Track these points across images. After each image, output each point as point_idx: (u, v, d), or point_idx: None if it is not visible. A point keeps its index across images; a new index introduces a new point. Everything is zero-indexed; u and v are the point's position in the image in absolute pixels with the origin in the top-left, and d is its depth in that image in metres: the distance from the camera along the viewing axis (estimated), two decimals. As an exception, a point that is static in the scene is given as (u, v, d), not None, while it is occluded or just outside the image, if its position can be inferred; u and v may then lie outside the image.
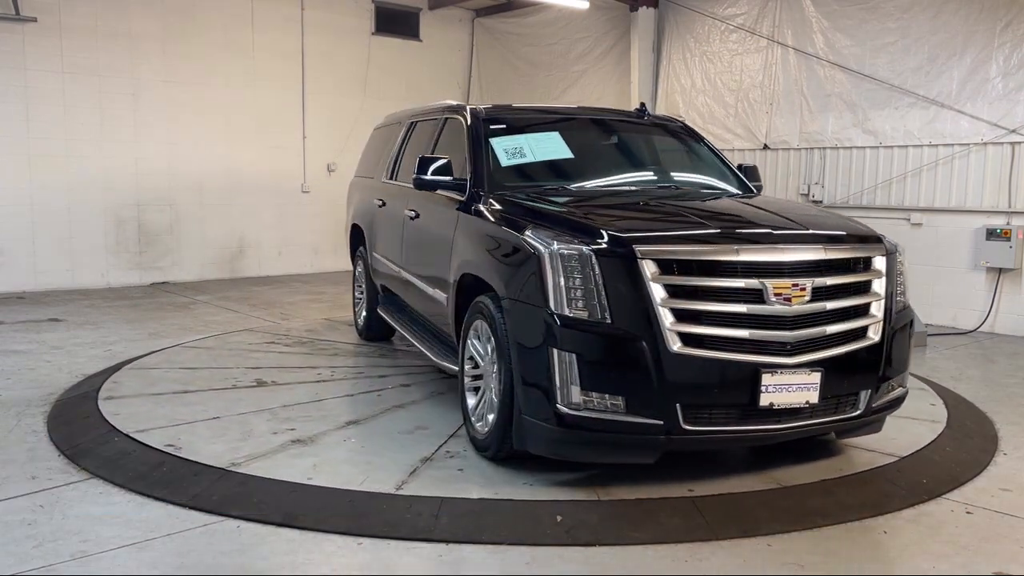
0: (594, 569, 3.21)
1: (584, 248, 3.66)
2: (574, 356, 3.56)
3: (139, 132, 10.39)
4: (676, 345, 3.57)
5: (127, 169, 10.35)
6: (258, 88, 11.27)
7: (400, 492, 3.79)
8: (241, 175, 11.27)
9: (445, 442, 4.49)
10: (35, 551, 3.24)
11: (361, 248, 7.26)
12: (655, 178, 5.42)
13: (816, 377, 3.72)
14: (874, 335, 3.97)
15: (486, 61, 13.29)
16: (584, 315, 3.60)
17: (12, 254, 9.63)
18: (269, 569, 3.16)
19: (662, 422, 3.60)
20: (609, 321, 3.59)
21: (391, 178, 6.52)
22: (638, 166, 5.55)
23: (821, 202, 9.29)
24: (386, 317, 6.51)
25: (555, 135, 5.33)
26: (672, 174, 5.53)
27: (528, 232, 3.93)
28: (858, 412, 3.97)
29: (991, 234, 7.98)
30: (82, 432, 4.64)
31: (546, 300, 3.65)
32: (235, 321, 8.14)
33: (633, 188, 5.12)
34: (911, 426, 4.90)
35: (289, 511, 3.61)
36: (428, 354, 5.30)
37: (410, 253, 5.76)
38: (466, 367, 4.50)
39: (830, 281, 3.83)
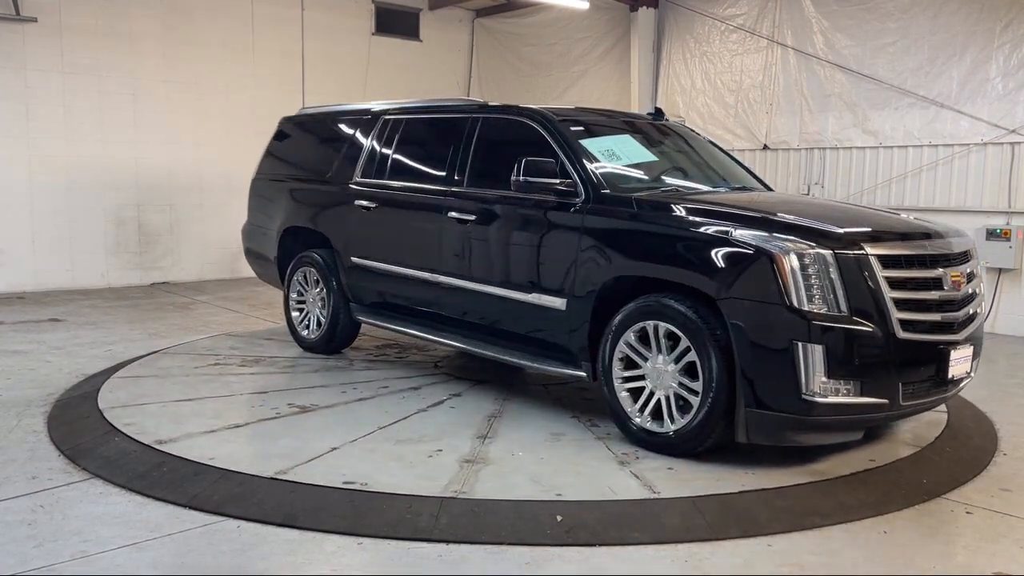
0: (594, 569, 3.21)
1: (819, 248, 3.98)
2: (820, 348, 3.87)
3: (139, 132, 10.39)
4: (900, 331, 4.01)
5: (127, 169, 10.35)
6: (258, 88, 11.27)
7: (658, 496, 3.81)
8: (241, 175, 11.15)
9: (608, 445, 4.49)
10: (35, 551, 3.24)
11: (314, 255, 6.56)
12: (722, 180, 5.63)
13: (971, 350, 4.40)
14: (982, 312, 4.64)
15: (486, 61, 13.29)
16: (824, 310, 3.92)
17: (12, 254, 9.63)
18: (269, 569, 3.16)
19: (887, 400, 4.05)
20: (848, 314, 3.93)
21: (377, 178, 6.13)
22: (695, 168, 5.71)
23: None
24: (387, 326, 6.09)
25: (628, 137, 5.46)
26: (725, 176, 5.73)
27: (736, 234, 4.12)
28: (972, 376, 4.59)
29: (991, 234, 7.98)
30: (82, 432, 4.63)
31: (786, 298, 3.92)
32: (236, 321, 8.15)
33: (720, 189, 5.42)
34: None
35: (289, 511, 3.61)
36: (518, 362, 5.14)
37: (465, 259, 5.41)
38: (615, 368, 4.51)
39: (967, 268, 4.44)
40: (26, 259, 9.71)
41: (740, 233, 4.12)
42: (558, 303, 4.83)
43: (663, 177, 5.44)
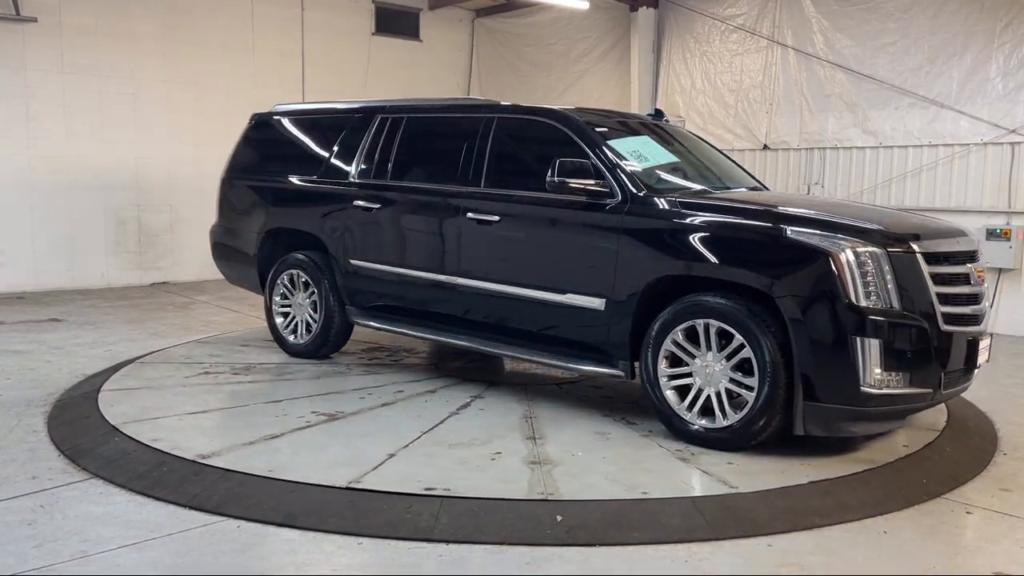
0: (594, 569, 3.21)
1: (873, 246, 4.14)
2: (877, 342, 4.03)
3: (139, 132, 10.39)
4: (943, 324, 4.23)
5: (127, 169, 10.35)
6: (258, 88, 11.25)
7: (738, 491, 3.86)
8: (241, 175, 11.25)
9: (658, 442, 4.51)
10: (35, 551, 3.24)
11: (302, 257, 6.29)
12: (729, 181, 5.67)
13: (990, 340, 4.64)
14: (988, 304, 4.80)
15: (486, 61, 13.29)
16: (879, 305, 4.08)
17: (12, 254, 9.62)
18: (269, 569, 3.16)
19: (931, 390, 4.24)
20: (900, 309, 4.11)
21: (378, 179, 5.94)
22: (705, 169, 5.73)
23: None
24: (391, 329, 5.92)
25: (647, 139, 5.48)
26: (732, 177, 5.77)
27: (791, 232, 4.25)
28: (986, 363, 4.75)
29: (991, 234, 7.98)
30: (82, 432, 4.63)
31: (845, 295, 4.06)
32: (235, 321, 8.15)
33: (740, 189, 5.56)
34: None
35: (289, 511, 3.61)
36: (548, 362, 5.14)
37: (486, 261, 5.32)
38: (661, 367, 4.55)
39: (983, 264, 4.69)
40: (26, 259, 9.71)
41: (795, 231, 4.25)
42: (596, 303, 4.80)
43: (682, 178, 5.43)
